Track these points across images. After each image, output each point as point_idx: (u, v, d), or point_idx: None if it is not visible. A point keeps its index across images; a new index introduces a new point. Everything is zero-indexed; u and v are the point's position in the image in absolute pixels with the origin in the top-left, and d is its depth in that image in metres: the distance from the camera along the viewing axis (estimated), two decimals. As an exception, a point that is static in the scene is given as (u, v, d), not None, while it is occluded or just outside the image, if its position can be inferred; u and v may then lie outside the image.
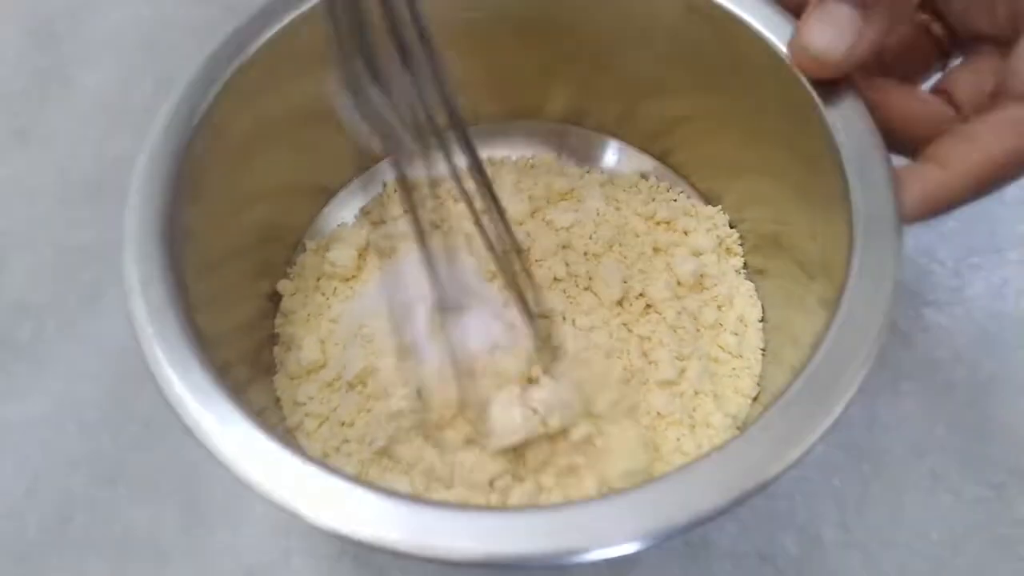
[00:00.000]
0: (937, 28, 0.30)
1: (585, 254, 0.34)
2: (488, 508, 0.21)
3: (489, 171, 0.28)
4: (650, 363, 0.32)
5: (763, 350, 0.33)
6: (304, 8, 0.30)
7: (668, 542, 0.31)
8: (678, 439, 0.31)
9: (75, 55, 0.46)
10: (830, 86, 0.27)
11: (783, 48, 0.28)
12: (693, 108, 0.35)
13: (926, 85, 0.30)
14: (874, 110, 0.27)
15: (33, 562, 0.32)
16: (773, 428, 0.22)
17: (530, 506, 0.21)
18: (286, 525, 0.33)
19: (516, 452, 0.28)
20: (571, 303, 0.33)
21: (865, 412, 0.34)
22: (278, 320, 0.34)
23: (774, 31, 0.29)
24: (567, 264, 0.34)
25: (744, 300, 0.34)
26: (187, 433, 0.22)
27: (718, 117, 0.34)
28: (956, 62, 0.30)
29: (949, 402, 0.34)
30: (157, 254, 0.25)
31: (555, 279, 0.34)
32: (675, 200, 0.37)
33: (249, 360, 0.32)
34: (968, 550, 0.32)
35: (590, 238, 0.35)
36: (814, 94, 0.27)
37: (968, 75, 0.29)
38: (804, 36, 0.27)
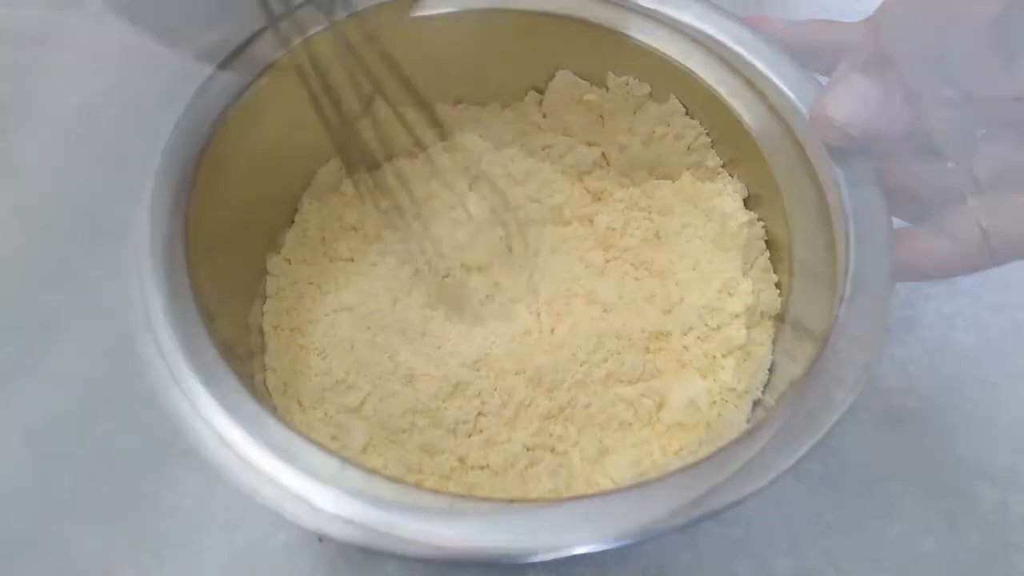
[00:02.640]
0: None
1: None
2: (450, 507, 0.22)
3: None
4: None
5: None
6: None
7: (622, 562, 0.32)
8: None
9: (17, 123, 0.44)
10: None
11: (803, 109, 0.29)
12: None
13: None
14: (887, 174, 0.27)
15: (-24, 600, 0.32)
16: (737, 459, 0.23)
17: (484, 503, 0.22)
18: (244, 559, 0.32)
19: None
20: None
21: (819, 440, 0.35)
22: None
23: (791, 85, 0.30)
24: None
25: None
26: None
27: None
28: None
29: (901, 430, 0.35)
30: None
31: None
32: None
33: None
34: (920, 577, 0.32)
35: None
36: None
37: (989, 146, 0.28)
38: (828, 105, 0.27)
